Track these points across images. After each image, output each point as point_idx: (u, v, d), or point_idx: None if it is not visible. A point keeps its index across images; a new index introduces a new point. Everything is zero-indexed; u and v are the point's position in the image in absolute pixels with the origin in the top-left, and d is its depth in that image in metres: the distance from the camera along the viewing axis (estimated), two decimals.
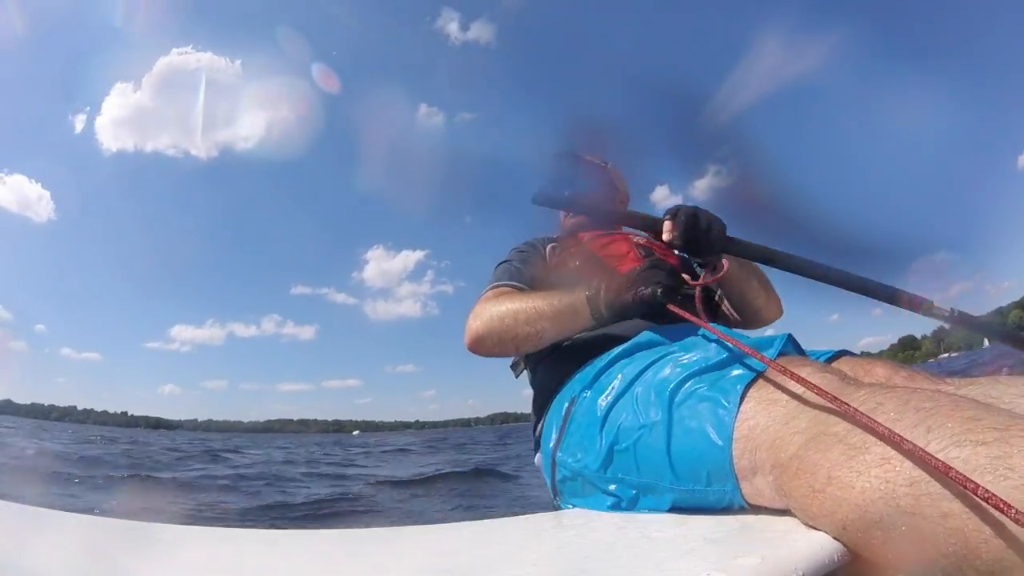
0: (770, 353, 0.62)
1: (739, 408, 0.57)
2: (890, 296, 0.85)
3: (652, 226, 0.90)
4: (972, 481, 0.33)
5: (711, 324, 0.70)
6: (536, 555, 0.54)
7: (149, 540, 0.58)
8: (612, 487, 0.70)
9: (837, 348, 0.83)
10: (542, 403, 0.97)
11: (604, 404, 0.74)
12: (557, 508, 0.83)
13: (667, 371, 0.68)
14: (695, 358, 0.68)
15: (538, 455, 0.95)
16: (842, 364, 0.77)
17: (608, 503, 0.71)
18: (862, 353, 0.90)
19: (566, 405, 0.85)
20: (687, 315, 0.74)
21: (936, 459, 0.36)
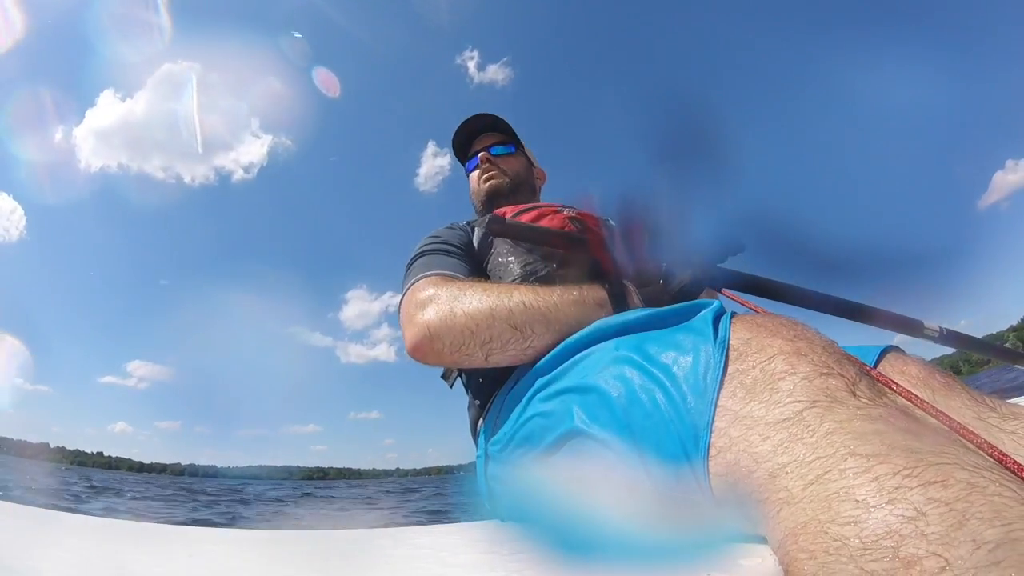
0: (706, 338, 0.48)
1: (713, 416, 0.42)
2: (883, 319, 0.82)
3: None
4: None
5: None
6: (536, 555, 0.54)
7: (150, 540, 0.58)
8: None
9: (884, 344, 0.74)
10: (481, 404, 0.79)
11: (541, 383, 0.63)
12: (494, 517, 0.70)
13: (618, 368, 0.53)
14: (656, 352, 0.51)
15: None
16: (886, 360, 0.70)
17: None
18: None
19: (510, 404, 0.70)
20: (744, 302, 0.62)
21: None
